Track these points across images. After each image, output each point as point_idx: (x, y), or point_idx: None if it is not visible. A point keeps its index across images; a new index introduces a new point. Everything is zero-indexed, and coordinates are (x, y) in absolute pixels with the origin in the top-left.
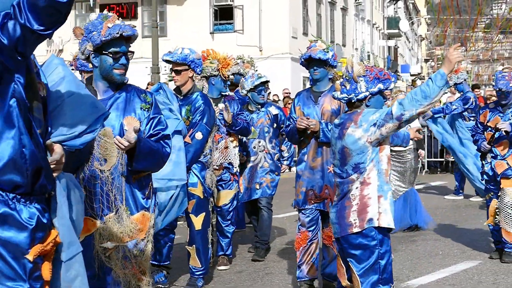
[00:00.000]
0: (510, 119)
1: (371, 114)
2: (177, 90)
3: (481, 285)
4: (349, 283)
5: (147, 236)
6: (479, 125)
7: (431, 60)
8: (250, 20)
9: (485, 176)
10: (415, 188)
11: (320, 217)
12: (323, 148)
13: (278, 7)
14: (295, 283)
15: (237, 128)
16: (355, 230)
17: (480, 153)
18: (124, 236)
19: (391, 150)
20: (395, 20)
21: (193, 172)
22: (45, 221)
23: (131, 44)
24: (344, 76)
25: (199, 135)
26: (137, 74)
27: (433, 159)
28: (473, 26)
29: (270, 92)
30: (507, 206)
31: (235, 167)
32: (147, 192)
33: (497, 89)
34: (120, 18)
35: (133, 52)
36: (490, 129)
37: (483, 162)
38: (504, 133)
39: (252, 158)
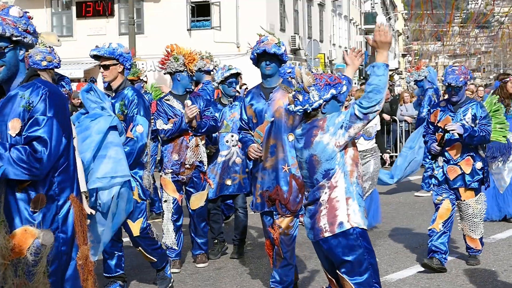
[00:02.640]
0: (462, 119)
1: (336, 117)
2: (109, 87)
3: (459, 279)
4: None
5: (29, 255)
6: (430, 125)
7: (408, 55)
8: (227, 16)
9: (434, 180)
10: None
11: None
12: (276, 148)
13: (255, 3)
14: None
15: (203, 130)
16: (326, 234)
17: (430, 156)
18: None
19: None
20: (372, 16)
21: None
22: None
23: (12, 36)
24: (295, 89)
25: (140, 128)
26: None
27: None
28: (449, 22)
29: (247, 88)
30: (472, 216)
31: (205, 165)
32: (34, 204)
33: (446, 84)
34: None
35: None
36: (441, 130)
37: (434, 165)
38: (458, 136)
39: (224, 153)
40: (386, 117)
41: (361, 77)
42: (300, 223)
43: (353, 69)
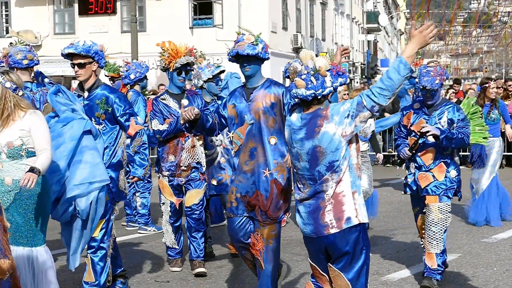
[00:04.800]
0: (436, 123)
1: (341, 106)
2: (80, 87)
3: (460, 278)
4: None
5: None
6: (402, 128)
7: None
8: (229, 14)
9: (408, 189)
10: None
11: (250, 222)
12: (257, 151)
13: (257, 1)
14: None
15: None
16: (332, 231)
17: (399, 160)
18: None
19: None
20: (374, 15)
21: None
22: None
23: None
24: (307, 71)
25: (140, 119)
26: None
27: None
28: (451, 21)
29: None
30: (431, 224)
31: (204, 166)
32: None
33: (421, 87)
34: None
35: None
36: (414, 134)
37: (407, 172)
38: (433, 138)
39: (209, 153)
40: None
41: (363, 76)
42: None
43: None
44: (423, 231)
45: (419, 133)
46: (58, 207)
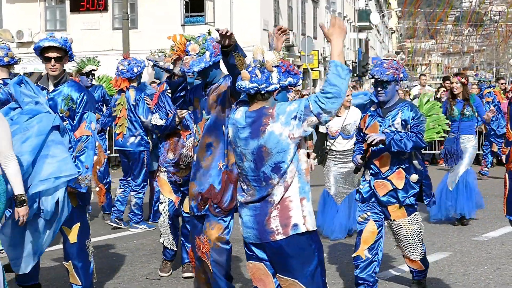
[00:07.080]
0: (390, 125)
1: (287, 105)
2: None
3: (451, 277)
4: None
5: None
6: (360, 132)
7: (402, 53)
8: (221, 12)
9: (357, 196)
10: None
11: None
12: (213, 145)
13: None
14: None
15: None
16: (278, 237)
17: (354, 168)
18: None
19: (335, 150)
20: (366, 13)
21: None
22: None
23: None
24: (254, 65)
25: (93, 125)
26: (108, 66)
27: None
28: (437, 18)
29: None
30: (406, 237)
31: None
32: None
33: (370, 77)
34: None
35: None
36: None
37: (360, 179)
38: (381, 144)
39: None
40: None
41: (355, 74)
42: None
43: (278, 50)
44: (366, 245)
45: (368, 144)
46: None
